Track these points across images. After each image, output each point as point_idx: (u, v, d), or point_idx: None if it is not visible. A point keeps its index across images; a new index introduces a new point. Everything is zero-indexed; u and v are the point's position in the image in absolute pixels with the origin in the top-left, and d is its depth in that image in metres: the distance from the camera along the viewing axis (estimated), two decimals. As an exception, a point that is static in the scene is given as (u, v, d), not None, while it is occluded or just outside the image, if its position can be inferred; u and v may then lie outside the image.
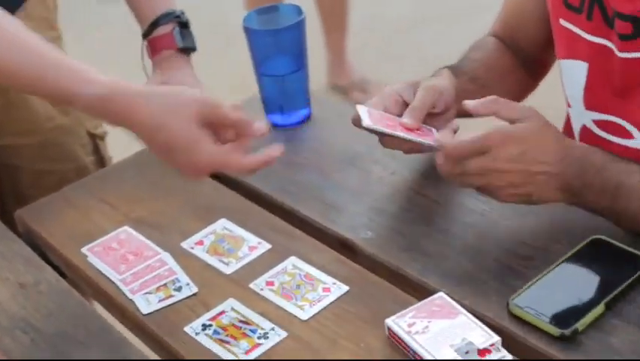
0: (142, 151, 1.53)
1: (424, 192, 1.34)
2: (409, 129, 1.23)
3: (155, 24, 1.52)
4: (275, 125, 1.54)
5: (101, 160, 1.75)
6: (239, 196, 1.40)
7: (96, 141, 1.74)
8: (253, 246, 1.28)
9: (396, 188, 1.36)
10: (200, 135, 1.13)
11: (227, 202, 1.39)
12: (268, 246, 1.28)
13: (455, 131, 1.26)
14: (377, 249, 1.25)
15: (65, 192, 1.47)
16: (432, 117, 1.28)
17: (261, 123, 1.18)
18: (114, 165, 1.52)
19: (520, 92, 1.52)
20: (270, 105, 1.54)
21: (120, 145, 1.80)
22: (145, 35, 1.54)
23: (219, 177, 1.44)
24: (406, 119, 1.24)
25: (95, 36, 4.16)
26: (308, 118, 1.55)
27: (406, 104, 1.28)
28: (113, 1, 4.54)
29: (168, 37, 1.52)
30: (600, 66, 1.30)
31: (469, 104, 1.20)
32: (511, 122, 1.17)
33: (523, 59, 1.49)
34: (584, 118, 1.36)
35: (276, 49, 1.49)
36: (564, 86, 1.40)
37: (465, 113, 1.27)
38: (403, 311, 1.10)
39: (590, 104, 1.34)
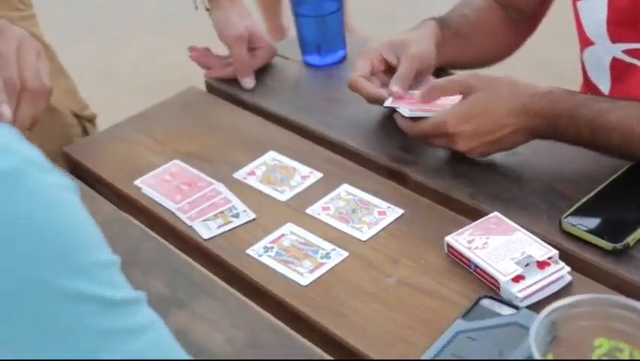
0: (185, 90, 1.57)
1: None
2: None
3: None
4: (312, 66, 1.58)
5: None
6: (285, 130, 1.43)
7: (84, 123, 1.76)
8: (305, 175, 1.32)
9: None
10: None
11: (274, 136, 1.42)
12: (319, 175, 1.32)
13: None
14: (426, 176, 1.29)
15: (110, 130, 1.51)
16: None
17: None
18: (158, 105, 1.54)
19: (505, 49, 1.58)
20: (307, 46, 1.58)
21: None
22: None
23: (264, 112, 1.48)
24: (395, 88, 1.32)
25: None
26: (344, 59, 1.59)
27: (386, 62, 1.38)
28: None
29: None
30: (617, 2, 1.35)
31: (416, 95, 1.29)
32: (462, 94, 1.24)
33: (515, 16, 1.53)
34: (613, 51, 1.41)
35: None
36: (584, 27, 1.45)
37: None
38: (461, 230, 1.15)
39: (616, 36, 1.39)
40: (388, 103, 1.31)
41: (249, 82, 1.54)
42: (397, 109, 1.28)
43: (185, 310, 1.12)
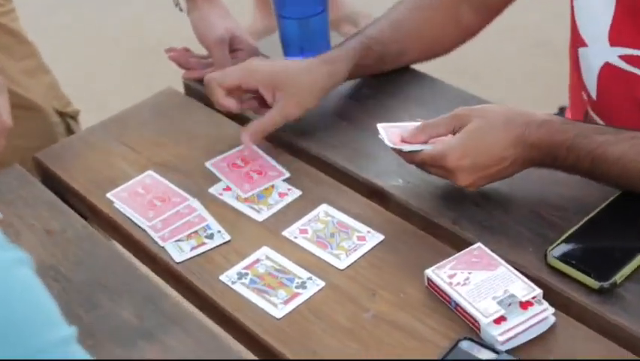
0: (163, 91, 1.51)
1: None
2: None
3: None
4: (295, 68, 1.52)
5: None
6: (263, 141, 1.37)
7: (67, 120, 1.70)
8: (283, 192, 1.27)
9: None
10: None
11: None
12: (298, 192, 1.27)
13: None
14: (408, 197, 1.24)
15: (84, 135, 1.46)
16: None
17: None
18: (133, 107, 1.49)
19: (446, 48, 1.51)
20: (290, 48, 1.52)
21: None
22: None
23: (242, 118, 1.43)
24: (245, 139, 1.30)
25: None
26: (328, 60, 1.53)
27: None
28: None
29: None
30: (628, 1, 1.29)
31: (406, 134, 1.21)
32: (454, 132, 1.18)
33: (468, 11, 1.47)
34: (608, 55, 1.35)
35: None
36: (579, 27, 1.39)
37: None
38: (442, 262, 1.10)
39: (617, 40, 1.32)
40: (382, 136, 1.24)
41: None
42: (387, 143, 1.21)
43: (153, 342, 1.07)
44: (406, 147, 1.19)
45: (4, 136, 1.12)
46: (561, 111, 1.66)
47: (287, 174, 1.30)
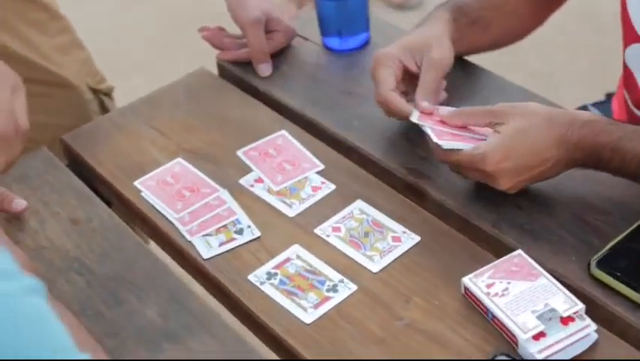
0: (194, 72, 1.47)
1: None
2: (453, 134, 1.16)
3: None
4: (332, 50, 1.47)
5: None
6: (298, 128, 1.33)
7: (100, 97, 1.67)
8: (316, 186, 1.23)
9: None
10: None
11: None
12: (332, 187, 1.22)
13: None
14: (446, 195, 1.19)
15: (113, 117, 1.41)
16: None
17: (20, 202, 1.21)
18: (164, 88, 1.44)
19: (524, 31, 1.44)
20: (327, 29, 1.47)
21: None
22: None
23: (276, 103, 1.38)
24: (425, 104, 1.20)
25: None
26: (367, 43, 1.48)
27: (404, 69, 1.25)
28: None
29: None
30: None
31: (442, 112, 1.17)
32: (491, 126, 1.12)
33: None
34: None
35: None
36: (634, 23, 1.31)
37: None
38: (480, 270, 1.05)
39: None
40: (415, 119, 1.19)
41: (265, 69, 1.43)
42: (425, 130, 1.16)
43: (177, 344, 1.04)
44: (445, 144, 1.14)
45: (21, 141, 1.07)
46: (608, 98, 1.59)
47: (321, 166, 1.25)
